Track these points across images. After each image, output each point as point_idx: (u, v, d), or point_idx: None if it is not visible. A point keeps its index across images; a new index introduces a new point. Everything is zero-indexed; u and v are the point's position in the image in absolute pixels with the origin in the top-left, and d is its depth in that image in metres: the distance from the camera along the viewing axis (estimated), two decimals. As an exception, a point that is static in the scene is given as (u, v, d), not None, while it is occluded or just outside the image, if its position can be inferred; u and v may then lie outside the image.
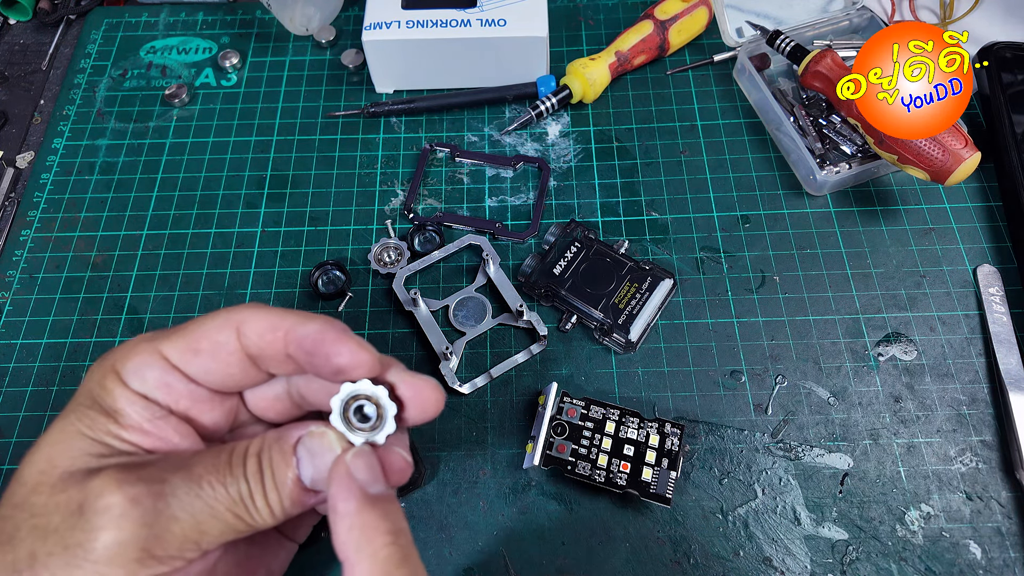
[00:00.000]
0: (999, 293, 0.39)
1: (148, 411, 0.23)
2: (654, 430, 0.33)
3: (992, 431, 0.36)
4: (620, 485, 0.31)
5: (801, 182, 0.44)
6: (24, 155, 0.47)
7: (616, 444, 0.32)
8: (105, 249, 0.43)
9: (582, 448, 0.32)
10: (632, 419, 0.33)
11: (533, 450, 0.31)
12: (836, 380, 0.37)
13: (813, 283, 0.40)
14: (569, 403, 0.33)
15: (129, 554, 0.20)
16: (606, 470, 0.31)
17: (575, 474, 0.31)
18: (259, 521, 0.22)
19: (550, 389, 0.33)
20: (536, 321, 0.38)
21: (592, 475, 0.31)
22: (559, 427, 0.32)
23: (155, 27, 0.53)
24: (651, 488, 0.31)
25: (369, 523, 0.22)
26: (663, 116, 0.47)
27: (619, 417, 0.33)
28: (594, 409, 0.33)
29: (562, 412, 0.33)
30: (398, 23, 0.45)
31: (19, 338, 0.40)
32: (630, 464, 0.32)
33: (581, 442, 0.32)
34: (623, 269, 0.39)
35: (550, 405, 0.32)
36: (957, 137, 0.38)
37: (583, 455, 0.32)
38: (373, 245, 0.42)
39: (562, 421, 0.32)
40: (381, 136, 0.47)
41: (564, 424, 0.32)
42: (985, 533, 0.33)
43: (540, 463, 0.31)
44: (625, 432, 0.32)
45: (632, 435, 0.32)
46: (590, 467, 0.31)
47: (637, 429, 0.33)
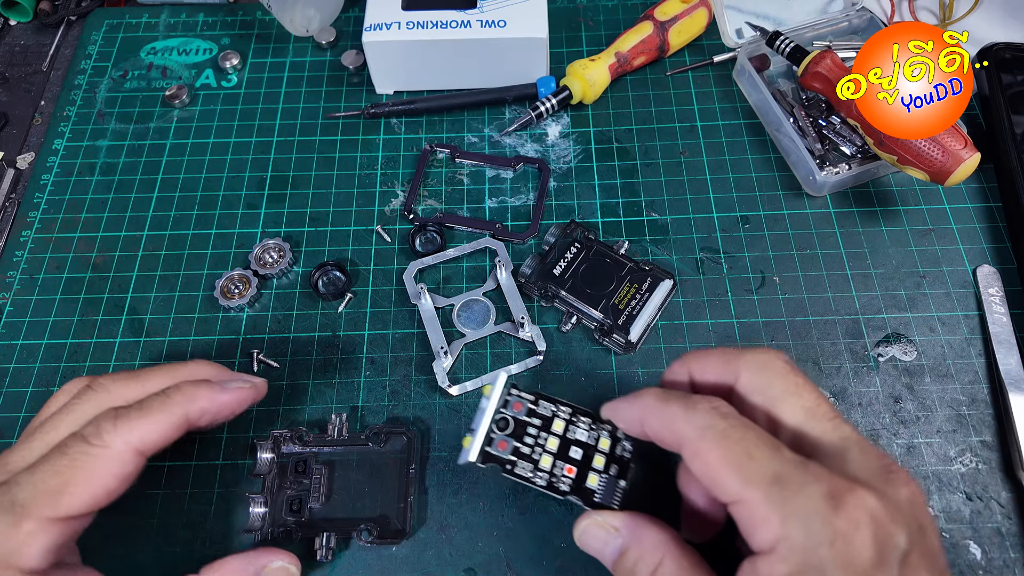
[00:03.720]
0: (999, 294, 0.39)
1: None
2: (606, 434, 0.29)
3: (992, 431, 0.36)
4: (562, 491, 0.27)
5: (801, 183, 0.44)
6: (25, 156, 0.47)
7: (563, 445, 0.28)
8: (105, 250, 0.43)
9: (525, 447, 0.28)
10: (584, 419, 0.29)
11: (471, 444, 0.28)
12: (836, 381, 0.37)
13: (813, 284, 0.40)
14: (516, 396, 0.29)
15: None
16: (549, 473, 0.28)
17: (514, 475, 0.27)
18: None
19: (497, 378, 0.29)
20: (536, 336, 0.38)
21: (533, 477, 0.28)
22: (502, 422, 0.28)
23: (155, 28, 0.53)
24: (595, 496, 0.27)
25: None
26: (663, 117, 0.47)
27: (570, 416, 0.29)
28: (543, 405, 0.29)
29: (507, 406, 0.29)
30: (398, 24, 0.45)
31: (19, 339, 0.40)
32: (576, 468, 0.28)
33: (525, 440, 0.28)
34: (623, 270, 0.39)
35: (495, 397, 0.29)
36: (957, 138, 0.38)
37: (525, 454, 0.28)
38: (254, 246, 0.42)
39: (506, 415, 0.28)
40: (381, 137, 0.47)
41: (508, 419, 0.28)
42: (985, 534, 0.33)
43: (477, 460, 0.27)
44: (574, 433, 0.29)
45: (582, 437, 0.29)
46: (532, 468, 0.28)
47: (588, 431, 0.29)
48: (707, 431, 0.22)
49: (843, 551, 0.19)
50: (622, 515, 0.26)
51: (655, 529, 0.24)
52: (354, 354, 0.39)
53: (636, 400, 0.26)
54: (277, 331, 0.40)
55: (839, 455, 0.22)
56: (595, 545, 0.25)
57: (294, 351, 0.39)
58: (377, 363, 0.39)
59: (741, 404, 0.25)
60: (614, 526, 0.25)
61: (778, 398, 0.24)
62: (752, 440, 0.22)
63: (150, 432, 0.26)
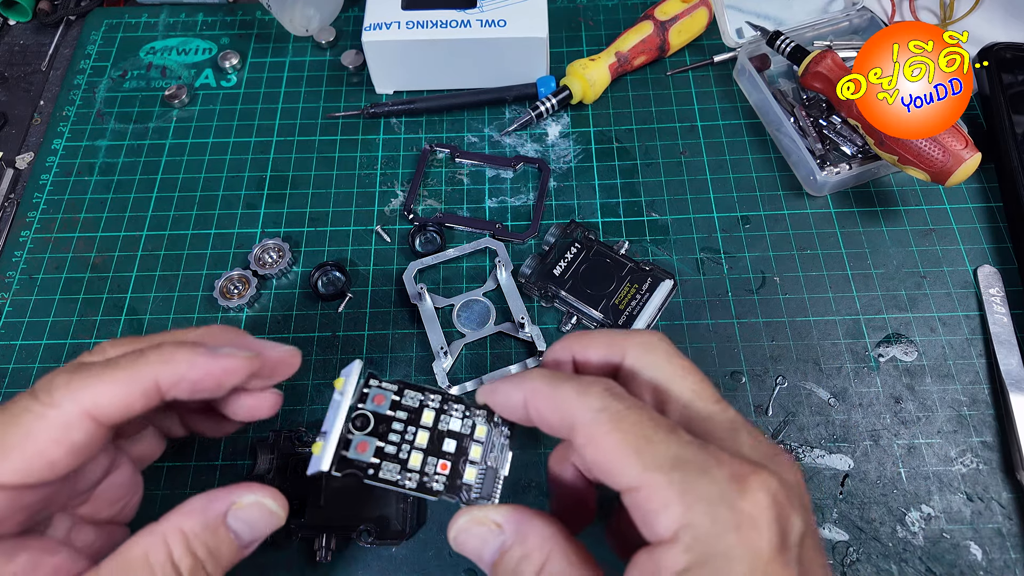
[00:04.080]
0: (999, 294, 0.39)
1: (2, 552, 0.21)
2: (481, 420, 0.25)
3: (993, 432, 0.36)
4: (435, 491, 0.24)
5: (801, 183, 0.44)
6: (24, 156, 0.47)
7: (434, 439, 0.25)
8: (105, 250, 0.43)
9: (390, 445, 0.24)
10: (456, 407, 0.26)
11: (322, 450, 0.23)
12: (837, 381, 0.37)
13: (813, 284, 0.40)
14: (376, 388, 0.25)
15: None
16: (419, 472, 0.24)
17: (378, 479, 0.23)
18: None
19: (351, 370, 0.25)
20: (536, 336, 0.38)
21: (401, 480, 0.24)
22: (360, 419, 0.24)
23: (155, 28, 0.52)
24: (473, 492, 0.24)
25: None
26: (663, 117, 0.47)
27: (440, 405, 0.25)
28: (409, 395, 0.25)
29: (366, 400, 0.24)
30: (398, 24, 0.45)
31: (18, 339, 0.40)
32: (450, 464, 0.24)
33: (390, 438, 0.24)
34: (623, 270, 0.39)
35: (349, 391, 0.24)
36: (957, 138, 0.38)
37: (391, 454, 0.24)
38: (254, 246, 0.41)
39: (365, 412, 0.24)
40: (381, 137, 0.47)
41: (368, 415, 0.24)
42: (986, 534, 0.33)
43: (331, 467, 0.23)
44: (447, 423, 0.25)
45: (455, 427, 0.25)
46: (399, 469, 0.24)
47: (462, 419, 0.25)
48: (601, 414, 0.20)
49: (748, 536, 0.18)
50: (504, 509, 0.22)
51: (540, 523, 0.22)
52: (354, 354, 0.39)
53: (521, 382, 0.23)
54: (276, 331, 0.40)
55: (731, 437, 0.21)
56: (473, 545, 0.22)
57: (294, 351, 0.39)
58: (377, 363, 0.39)
59: (627, 385, 0.23)
60: (496, 521, 0.22)
61: (666, 379, 0.23)
62: (649, 422, 0.20)
63: (106, 393, 0.21)
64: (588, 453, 0.21)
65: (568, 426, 0.21)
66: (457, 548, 0.23)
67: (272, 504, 0.24)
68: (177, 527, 0.22)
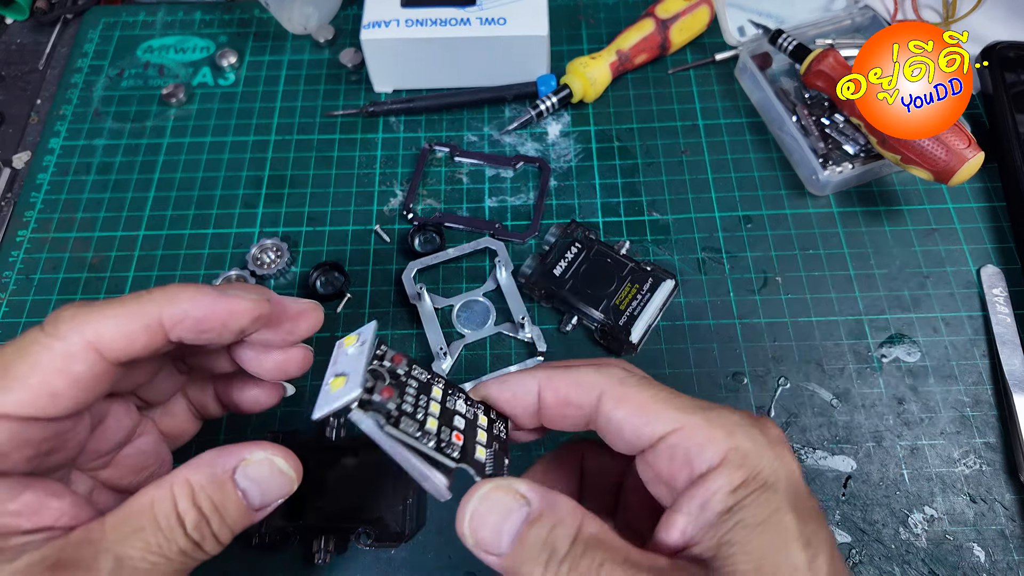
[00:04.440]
0: (1003, 294, 0.39)
1: (4, 489, 0.20)
2: (482, 411, 0.25)
3: (996, 433, 0.36)
4: (454, 458, 0.23)
5: (804, 182, 0.43)
6: (20, 155, 0.47)
7: (445, 412, 0.24)
8: (102, 250, 0.43)
9: (407, 404, 0.23)
10: (458, 394, 0.25)
11: (343, 386, 0.21)
12: (839, 382, 0.37)
13: (816, 284, 0.40)
14: (391, 350, 0.24)
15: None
16: (436, 436, 0.23)
17: (399, 431, 0.22)
18: (210, 555, 0.22)
19: (367, 329, 0.24)
20: (537, 336, 0.38)
21: (420, 438, 0.22)
22: (376, 374, 0.23)
23: (152, 26, 0.52)
24: (487, 469, 0.23)
25: None
26: (664, 116, 0.47)
27: (444, 387, 0.25)
28: (418, 370, 0.25)
29: (383, 358, 0.23)
30: (397, 22, 0.45)
31: (15, 340, 0.40)
32: (463, 437, 0.24)
33: (406, 398, 0.23)
34: (624, 270, 0.39)
35: (369, 340, 0.23)
36: (960, 137, 0.37)
37: (408, 412, 0.23)
38: (252, 246, 0.41)
39: (381, 369, 0.23)
40: (380, 136, 0.46)
41: (384, 373, 0.23)
42: (989, 536, 0.33)
43: (354, 404, 0.21)
44: (453, 404, 0.25)
45: (461, 408, 0.25)
46: (417, 427, 0.22)
47: (466, 405, 0.25)
48: (628, 378, 0.23)
49: (781, 453, 0.21)
50: (527, 481, 0.22)
51: (565, 496, 0.21)
52: (353, 355, 0.39)
53: (531, 372, 0.24)
54: (275, 332, 0.40)
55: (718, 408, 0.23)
56: (494, 519, 0.21)
57: (292, 352, 0.39)
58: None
59: None
60: (521, 492, 0.21)
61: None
62: (668, 388, 0.23)
63: (110, 326, 0.21)
64: (621, 411, 0.22)
65: (593, 397, 0.23)
66: (471, 527, 0.21)
67: (282, 463, 0.23)
68: (184, 478, 0.21)
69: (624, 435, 0.22)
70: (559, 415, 0.24)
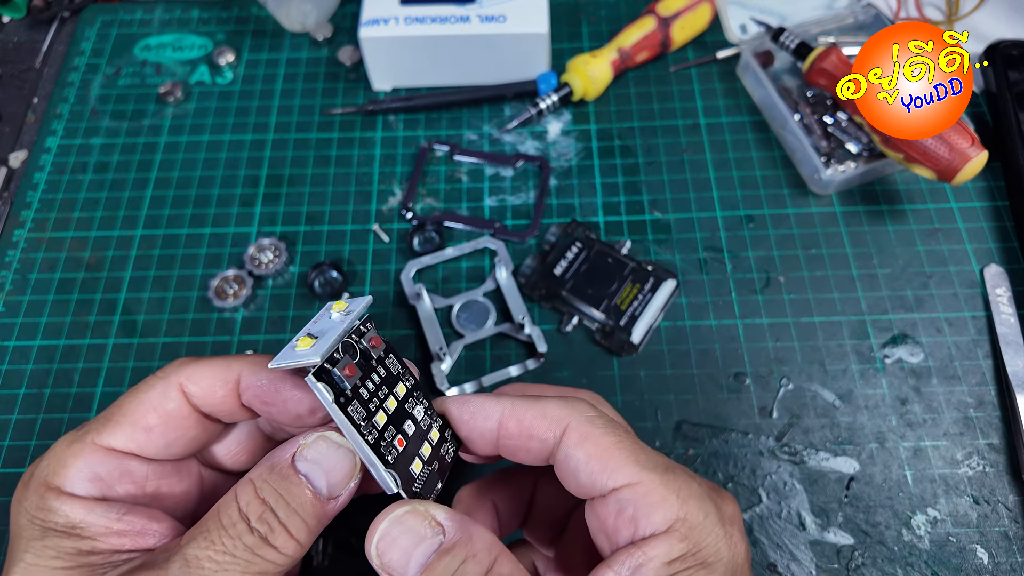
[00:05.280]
0: (1006, 294, 0.39)
1: (112, 510, 0.21)
2: (437, 426, 0.24)
3: (999, 434, 0.35)
4: (386, 461, 0.22)
5: (806, 181, 0.43)
6: (17, 154, 0.47)
7: (399, 413, 0.23)
8: (99, 250, 0.42)
9: (364, 391, 0.22)
10: (423, 400, 0.24)
11: (312, 346, 0.21)
12: (842, 383, 0.37)
13: (818, 284, 0.40)
14: (374, 331, 0.24)
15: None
16: (380, 432, 0.22)
17: (344, 413, 0.21)
18: (288, 556, 0.20)
19: (359, 301, 0.24)
20: (537, 337, 0.38)
21: (363, 427, 0.21)
22: (349, 349, 0.22)
23: (149, 24, 0.52)
24: (414, 487, 0.22)
25: None
26: (666, 114, 0.46)
27: (411, 387, 0.24)
28: (392, 361, 0.24)
29: (363, 337, 0.23)
30: (396, 19, 0.44)
31: (12, 340, 0.40)
32: (405, 442, 0.23)
33: (367, 383, 0.22)
34: (625, 270, 0.39)
35: (355, 314, 0.23)
36: (964, 135, 0.37)
37: (363, 398, 0.22)
38: (249, 246, 0.41)
39: (357, 345, 0.22)
40: (379, 134, 0.46)
41: (357, 350, 0.22)
42: (992, 537, 0.33)
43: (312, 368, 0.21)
44: (412, 407, 0.24)
45: (417, 415, 0.24)
46: (365, 416, 0.22)
47: (424, 413, 0.24)
48: (595, 419, 0.22)
49: (731, 533, 0.21)
50: (446, 508, 0.21)
51: (484, 529, 0.21)
52: (351, 356, 0.38)
53: (497, 398, 0.23)
54: (272, 332, 0.39)
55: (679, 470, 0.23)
56: (404, 543, 0.20)
57: (290, 353, 0.39)
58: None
59: None
60: (437, 519, 0.20)
61: None
62: (634, 437, 0.22)
63: (199, 373, 0.23)
64: (582, 451, 0.21)
65: (557, 431, 0.22)
66: (379, 548, 0.20)
67: (336, 436, 0.22)
68: (247, 478, 0.21)
69: (579, 478, 0.21)
70: (520, 447, 0.22)
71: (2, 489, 0.35)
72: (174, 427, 0.22)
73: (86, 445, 0.22)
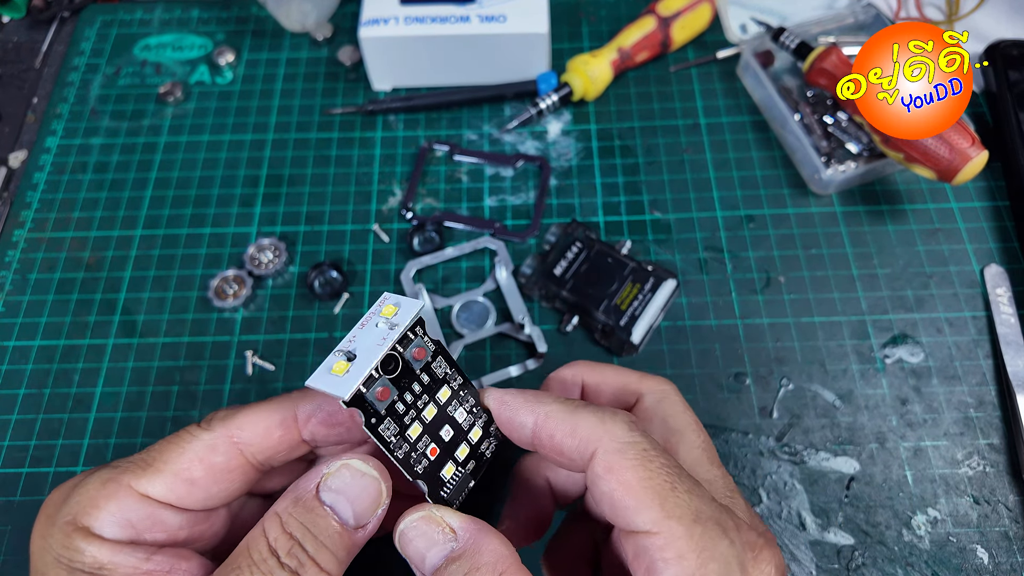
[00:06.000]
0: (1007, 294, 0.39)
1: (140, 552, 0.21)
2: (480, 423, 0.24)
3: (1000, 434, 0.35)
4: (416, 472, 0.22)
5: (806, 181, 0.43)
6: (17, 154, 0.47)
7: (438, 419, 0.23)
8: (98, 250, 0.42)
9: (401, 403, 0.22)
10: (468, 399, 0.24)
11: (345, 373, 0.21)
12: (842, 383, 0.37)
13: (818, 284, 0.40)
14: (420, 339, 0.23)
15: None
16: (412, 445, 0.22)
17: (376, 433, 0.21)
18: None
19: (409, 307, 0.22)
20: (537, 337, 0.38)
21: (394, 444, 0.22)
22: (392, 361, 0.22)
23: (149, 24, 0.52)
24: (443, 490, 0.23)
25: None
26: (666, 114, 0.46)
27: (457, 388, 0.24)
28: (439, 362, 0.23)
29: (407, 346, 0.22)
30: (396, 19, 0.44)
31: (11, 340, 0.39)
32: (439, 451, 0.23)
33: (405, 396, 0.22)
34: (625, 270, 0.39)
35: (400, 329, 0.22)
36: (964, 135, 0.37)
37: (398, 413, 0.22)
38: (249, 246, 0.41)
39: (400, 356, 0.22)
40: (379, 134, 0.46)
41: (399, 361, 0.22)
42: (992, 538, 0.33)
43: (347, 398, 0.20)
44: (455, 410, 0.23)
45: (459, 418, 0.24)
46: (397, 432, 0.22)
47: (467, 413, 0.24)
48: (628, 447, 0.20)
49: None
50: (463, 516, 0.21)
51: (497, 540, 0.21)
52: (351, 356, 0.38)
53: (534, 404, 0.22)
54: (272, 332, 0.39)
55: (730, 505, 0.21)
56: (419, 545, 0.21)
57: (290, 353, 0.39)
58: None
59: None
60: (452, 526, 0.21)
61: (679, 432, 0.23)
62: (674, 470, 0.20)
63: (250, 421, 0.22)
64: (606, 484, 0.20)
65: (585, 454, 0.21)
66: (400, 543, 0.21)
67: (359, 463, 0.21)
68: (273, 512, 0.21)
69: (602, 507, 0.20)
70: (553, 459, 0.22)
71: (2, 489, 0.35)
72: (218, 480, 0.22)
73: (121, 487, 0.21)
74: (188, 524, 0.23)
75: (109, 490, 0.21)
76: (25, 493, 0.35)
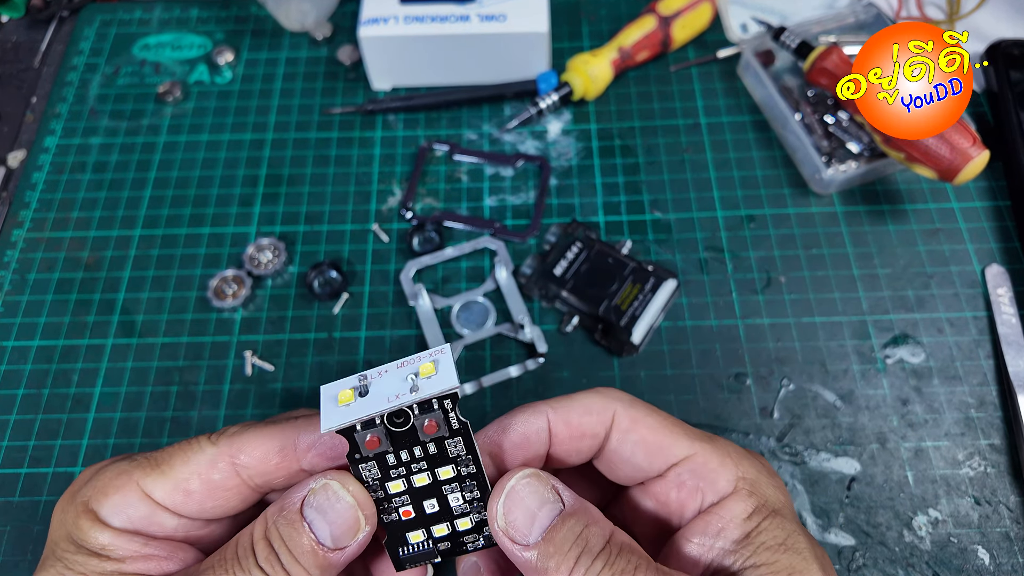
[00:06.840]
0: (1008, 294, 0.39)
1: (139, 540, 0.22)
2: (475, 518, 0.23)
3: (1001, 434, 0.35)
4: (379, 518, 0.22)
5: (807, 181, 0.43)
6: (16, 154, 0.47)
7: (425, 491, 0.22)
8: (97, 250, 0.42)
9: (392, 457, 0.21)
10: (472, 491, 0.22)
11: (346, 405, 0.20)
12: (843, 383, 0.37)
13: (819, 284, 0.40)
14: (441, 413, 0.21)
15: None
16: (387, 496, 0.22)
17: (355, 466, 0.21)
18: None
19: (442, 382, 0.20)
20: (537, 337, 0.38)
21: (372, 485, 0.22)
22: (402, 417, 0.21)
23: (148, 24, 0.52)
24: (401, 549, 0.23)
25: None
26: (666, 113, 0.46)
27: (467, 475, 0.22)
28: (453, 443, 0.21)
29: (425, 412, 0.21)
30: (396, 18, 0.44)
31: (10, 340, 0.39)
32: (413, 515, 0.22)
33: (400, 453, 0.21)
34: (625, 270, 0.39)
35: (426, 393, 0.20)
36: (965, 135, 0.37)
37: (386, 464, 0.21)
38: (248, 246, 0.41)
39: (413, 419, 0.21)
40: (378, 134, 0.46)
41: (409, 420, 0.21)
42: (993, 538, 0.33)
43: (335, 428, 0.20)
44: (451, 492, 0.22)
45: (452, 501, 0.22)
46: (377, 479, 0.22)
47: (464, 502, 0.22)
48: (637, 403, 0.23)
49: (779, 483, 0.23)
50: (562, 483, 0.21)
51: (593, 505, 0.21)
52: (351, 356, 0.38)
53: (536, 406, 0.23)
54: (271, 332, 0.39)
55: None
56: (531, 503, 0.20)
57: (289, 353, 0.38)
58: (374, 365, 0.38)
59: None
60: (556, 488, 0.21)
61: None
62: (666, 413, 0.24)
63: (250, 443, 0.23)
64: (636, 433, 0.23)
65: (607, 420, 0.23)
66: (507, 505, 0.20)
67: (337, 486, 0.21)
68: (264, 515, 0.21)
69: (636, 461, 0.22)
70: (572, 449, 0.23)
71: (2, 490, 0.35)
72: (214, 496, 0.23)
73: (130, 482, 0.22)
74: (184, 529, 0.23)
75: (120, 482, 0.22)
76: (24, 493, 0.35)
